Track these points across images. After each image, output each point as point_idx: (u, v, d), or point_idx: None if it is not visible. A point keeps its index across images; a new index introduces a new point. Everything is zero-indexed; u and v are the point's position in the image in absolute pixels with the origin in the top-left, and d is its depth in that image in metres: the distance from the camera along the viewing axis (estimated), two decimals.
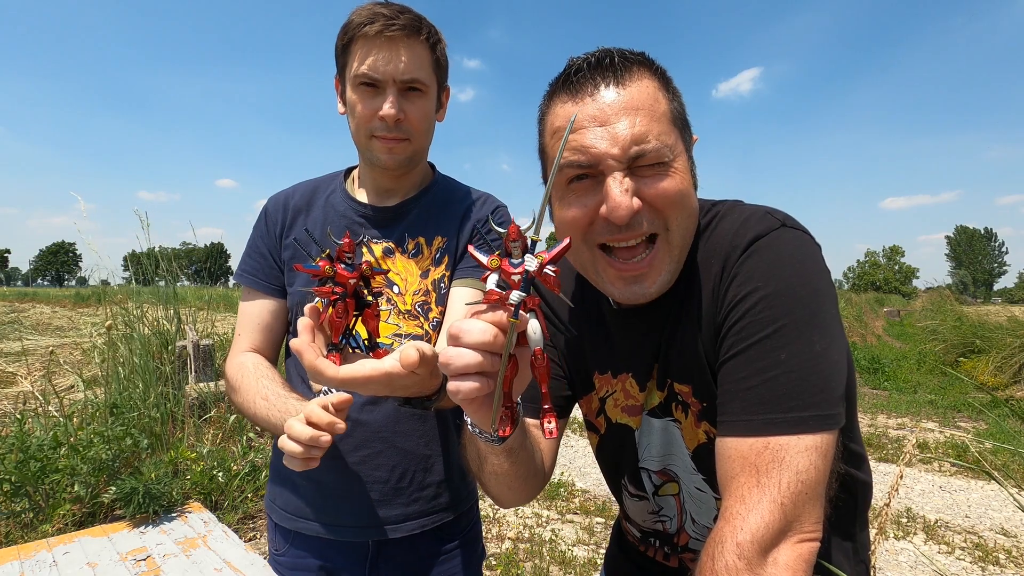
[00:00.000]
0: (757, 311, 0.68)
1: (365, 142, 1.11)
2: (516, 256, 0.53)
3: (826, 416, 0.64)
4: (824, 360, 0.66)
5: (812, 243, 0.74)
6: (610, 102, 0.72)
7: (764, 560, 0.60)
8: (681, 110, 0.79)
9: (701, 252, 0.79)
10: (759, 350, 0.67)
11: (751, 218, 0.75)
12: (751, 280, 0.70)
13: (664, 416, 0.87)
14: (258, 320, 1.18)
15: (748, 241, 0.72)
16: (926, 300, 16.50)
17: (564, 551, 3.20)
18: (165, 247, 4.87)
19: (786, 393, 0.64)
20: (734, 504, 0.63)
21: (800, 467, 0.62)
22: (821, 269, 0.71)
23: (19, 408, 3.91)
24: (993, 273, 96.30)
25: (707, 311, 0.76)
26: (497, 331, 0.53)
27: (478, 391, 0.55)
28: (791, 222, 0.74)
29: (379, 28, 1.02)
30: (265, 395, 1.03)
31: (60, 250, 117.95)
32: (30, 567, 1.58)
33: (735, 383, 0.69)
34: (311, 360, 0.68)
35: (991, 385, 7.42)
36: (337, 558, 1.16)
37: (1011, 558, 3.20)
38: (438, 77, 1.14)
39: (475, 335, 0.53)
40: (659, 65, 0.78)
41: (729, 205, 0.81)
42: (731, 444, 0.67)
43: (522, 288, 0.52)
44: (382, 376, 0.68)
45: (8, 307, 14.42)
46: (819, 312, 0.68)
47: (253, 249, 1.22)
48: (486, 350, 0.54)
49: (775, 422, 0.64)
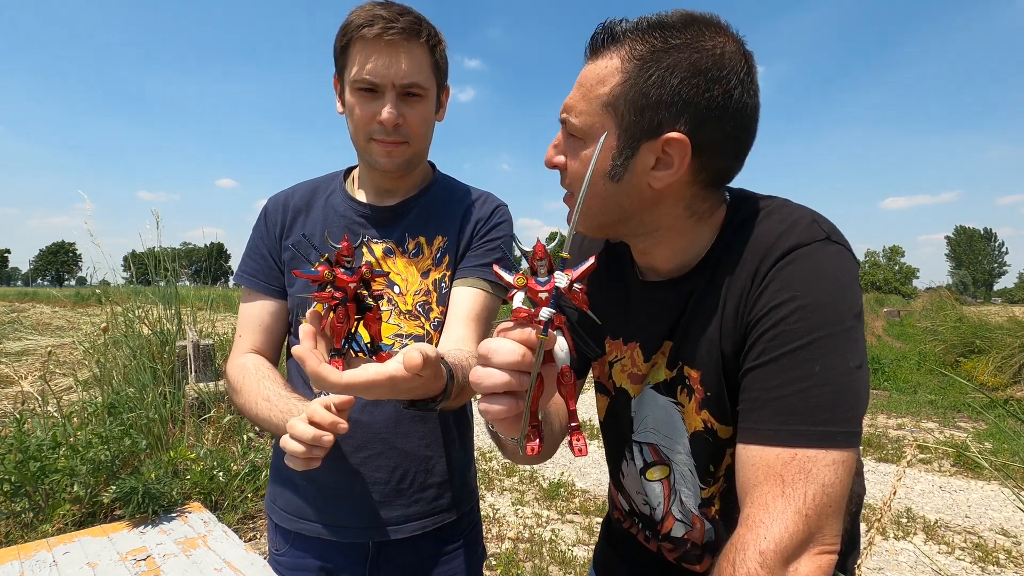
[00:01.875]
0: (793, 320, 0.67)
1: (364, 144, 1.11)
2: (542, 275, 0.53)
3: (853, 433, 0.64)
4: (856, 377, 0.66)
5: (853, 259, 0.73)
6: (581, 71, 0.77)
7: (785, 570, 0.60)
8: (647, 92, 0.72)
9: (738, 243, 0.76)
10: (793, 360, 0.66)
11: (797, 223, 0.73)
12: (788, 288, 0.69)
13: (667, 395, 0.86)
14: (258, 322, 1.18)
15: (788, 248, 0.71)
16: (926, 300, 16.51)
17: (564, 551, 3.20)
18: (165, 247, 4.86)
19: (819, 406, 0.64)
20: (757, 512, 0.62)
21: (826, 480, 0.62)
22: (858, 289, 0.71)
23: (18, 408, 3.91)
24: (993, 273, 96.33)
25: (733, 306, 0.74)
26: (526, 350, 0.53)
27: (507, 412, 0.54)
28: (836, 236, 0.73)
29: (378, 31, 1.01)
30: (267, 396, 1.03)
31: (60, 250, 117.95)
32: (30, 567, 1.58)
33: (765, 391, 0.68)
34: (314, 367, 0.68)
35: (991, 385, 7.42)
36: (338, 559, 1.16)
37: (1011, 558, 3.20)
38: (437, 79, 1.13)
39: (504, 355, 0.53)
40: (646, 46, 0.72)
41: (780, 203, 0.79)
42: (756, 452, 0.66)
43: (551, 305, 0.52)
44: (386, 380, 0.68)
45: (8, 307, 14.41)
46: (854, 329, 0.67)
47: (253, 250, 1.22)
48: (515, 369, 0.53)
49: (805, 434, 0.63)
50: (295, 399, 1.01)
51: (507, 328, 0.55)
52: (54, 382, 4.79)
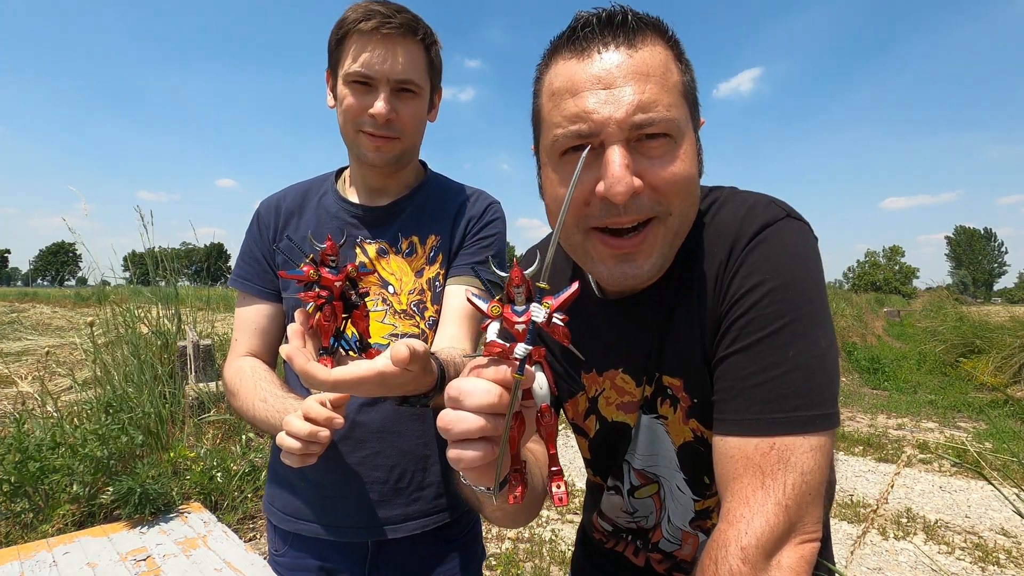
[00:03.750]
0: (764, 305, 0.65)
1: (352, 136, 1.10)
2: (519, 303, 0.47)
3: (830, 415, 0.63)
4: (828, 358, 0.64)
5: (812, 235, 0.72)
6: (618, 64, 0.65)
7: (768, 564, 0.59)
8: (692, 86, 0.72)
9: (702, 238, 0.75)
10: (766, 346, 0.64)
11: (756, 206, 0.72)
12: (757, 272, 0.67)
13: (649, 413, 0.82)
14: (254, 325, 1.18)
15: (756, 230, 0.69)
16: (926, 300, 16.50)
17: (564, 551, 3.19)
18: (165, 247, 4.86)
19: (793, 392, 0.62)
20: (737, 506, 0.61)
21: (805, 468, 0.60)
22: (820, 263, 0.70)
23: (18, 408, 3.91)
24: (993, 273, 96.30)
25: (710, 301, 0.72)
26: (501, 390, 0.48)
27: (482, 459, 0.49)
28: (795, 213, 0.72)
29: (375, 25, 1.01)
30: (264, 397, 1.03)
31: (60, 250, 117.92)
32: (30, 567, 1.58)
33: (739, 380, 0.66)
34: (302, 364, 0.67)
35: (991, 385, 7.42)
36: (336, 559, 1.16)
37: (1011, 558, 3.19)
38: (432, 79, 1.13)
39: (477, 397, 0.47)
40: (673, 33, 0.71)
41: (729, 191, 0.78)
42: (733, 444, 0.64)
43: (528, 340, 0.47)
44: (375, 376, 0.68)
45: (8, 307, 14.42)
46: (822, 309, 0.66)
47: (247, 254, 1.21)
48: (489, 412, 0.48)
49: (781, 421, 0.62)
50: (292, 399, 1.01)
51: (480, 365, 0.50)
52: (54, 382, 4.78)
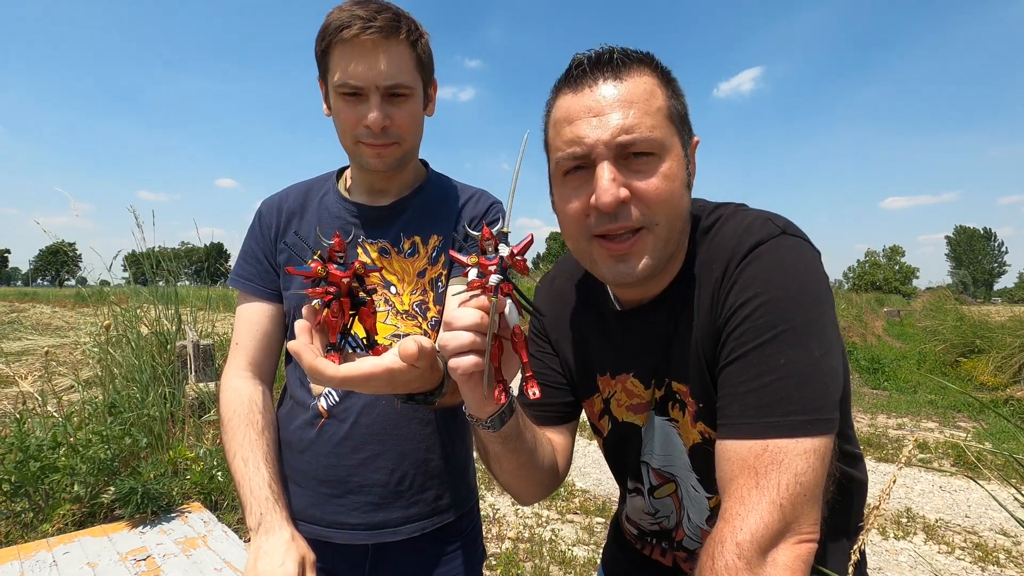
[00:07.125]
0: (756, 317, 0.70)
1: (352, 147, 1.10)
2: (491, 253, 0.62)
3: (824, 420, 0.66)
4: (822, 366, 0.67)
5: (812, 250, 0.75)
6: (606, 95, 0.75)
7: (763, 560, 0.61)
8: (681, 110, 0.80)
9: (703, 255, 0.81)
10: (758, 355, 0.69)
11: (753, 224, 0.77)
12: (751, 286, 0.71)
13: (661, 415, 0.88)
14: (256, 326, 1.17)
15: (749, 247, 0.74)
16: (926, 300, 16.49)
17: (564, 551, 3.19)
18: (165, 247, 4.86)
19: (785, 397, 0.66)
20: (734, 505, 0.64)
21: (799, 469, 0.63)
22: (820, 276, 0.73)
23: (18, 408, 3.91)
24: (993, 273, 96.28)
25: (707, 314, 0.77)
26: (483, 313, 0.63)
27: (474, 366, 0.63)
28: (792, 229, 0.76)
29: (356, 32, 0.99)
30: (245, 458, 1.05)
31: (60, 250, 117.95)
32: (30, 567, 1.58)
33: (734, 387, 0.70)
34: (310, 360, 0.67)
35: (991, 385, 7.42)
36: (337, 560, 1.15)
37: (1011, 558, 3.19)
38: (422, 75, 1.10)
39: (465, 319, 0.63)
40: (662, 65, 0.80)
41: (732, 209, 0.83)
42: (730, 446, 0.68)
43: (498, 271, 0.61)
44: (383, 372, 0.68)
45: (8, 307, 14.42)
46: (818, 319, 0.69)
47: (248, 253, 1.21)
48: (475, 330, 0.63)
49: (774, 425, 0.65)
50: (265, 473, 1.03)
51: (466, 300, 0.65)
52: (54, 382, 4.78)
